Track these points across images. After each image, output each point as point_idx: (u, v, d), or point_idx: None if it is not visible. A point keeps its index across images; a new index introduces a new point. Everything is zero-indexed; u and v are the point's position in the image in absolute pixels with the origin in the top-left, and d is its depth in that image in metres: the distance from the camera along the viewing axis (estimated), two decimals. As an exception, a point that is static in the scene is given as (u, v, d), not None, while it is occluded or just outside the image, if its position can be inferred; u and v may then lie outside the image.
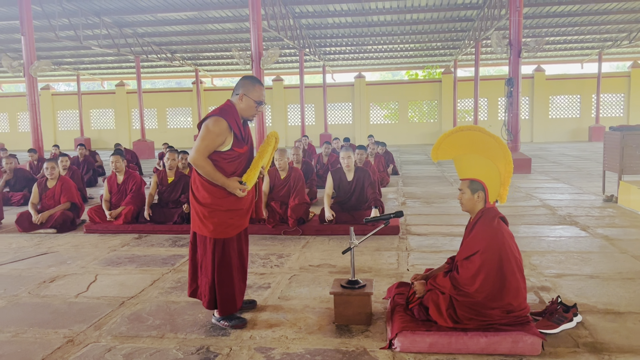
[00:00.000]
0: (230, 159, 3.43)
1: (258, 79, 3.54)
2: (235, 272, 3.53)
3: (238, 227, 3.53)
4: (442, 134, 3.51)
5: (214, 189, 3.42)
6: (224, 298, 3.49)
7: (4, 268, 5.12)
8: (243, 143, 3.48)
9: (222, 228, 3.44)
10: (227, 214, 3.44)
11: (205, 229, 3.46)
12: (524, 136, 24.45)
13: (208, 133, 3.33)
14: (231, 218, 3.46)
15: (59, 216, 6.67)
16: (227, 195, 3.43)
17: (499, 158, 3.35)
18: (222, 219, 3.43)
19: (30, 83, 12.06)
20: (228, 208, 3.43)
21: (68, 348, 3.26)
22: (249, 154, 3.55)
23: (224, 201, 3.42)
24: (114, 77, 28.44)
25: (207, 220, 3.44)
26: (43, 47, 20.82)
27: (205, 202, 3.44)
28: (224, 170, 3.41)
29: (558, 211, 7.24)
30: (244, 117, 3.51)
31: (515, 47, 11.66)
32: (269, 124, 26.45)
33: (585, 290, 4.04)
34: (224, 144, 3.39)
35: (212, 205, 3.42)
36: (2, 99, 28.18)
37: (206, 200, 3.43)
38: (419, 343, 3.10)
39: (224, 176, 3.39)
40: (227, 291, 3.49)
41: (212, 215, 3.42)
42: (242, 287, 3.64)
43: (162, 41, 21.02)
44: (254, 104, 3.46)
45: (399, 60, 25.85)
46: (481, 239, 3.22)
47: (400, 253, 5.29)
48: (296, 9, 16.78)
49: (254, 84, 3.47)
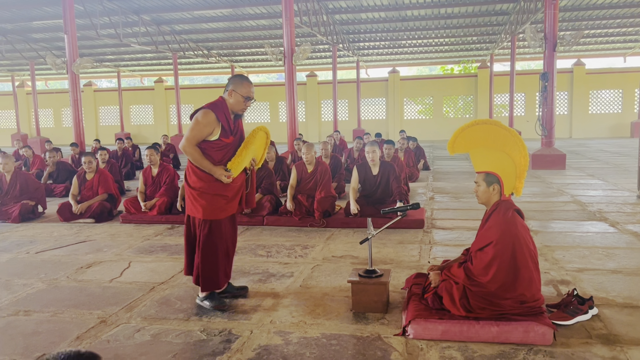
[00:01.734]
0: (218, 148, 3.73)
1: (247, 77, 3.87)
2: (220, 253, 3.80)
3: (225, 211, 3.80)
4: (459, 128, 3.57)
5: (202, 174, 3.73)
6: (205, 275, 3.77)
7: (45, 254, 5.44)
8: (230, 134, 3.75)
9: (210, 210, 3.73)
10: (214, 197, 3.73)
11: (195, 210, 3.77)
12: (562, 132, 23.91)
13: (197, 124, 3.65)
14: (218, 201, 3.74)
15: (97, 207, 7.00)
16: (215, 181, 3.71)
17: (515, 151, 3.40)
18: (210, 202, 3.72)
19: (73, 80, 12.53)
20: (215, 192, 3.73)
21: (101, 327, 3.49)
22: (236, 145, 3.82)
23: (212, 186, 3.72)
24: (153, 73, 29.19)
25: (196, 202, 3.75)
26: (85, 45, 21.55)
27: (195, 186, 3.75)
28: (211, 158, 3.71)
29: (588, 207, 7.15)
30: (234, 112, 3.80)
31: (551, 41, 11.45)
32: (303, 119, 26.65)
33: (605, 285, 4.04)
34: (212, 134, 3.69)
35: (201, 188, 3.73)
36: (48, 96, 29.28)
37: (196, 184, 3.75)
38: (431, 330, 3.19)
39: (210, 163, 3.69)
40: (209, 269, 3.77)
41: (201, 198, 3.73)
42: (227, 270, 3.90)
43: (199, 38, 21.45)
44: (242, 99, 3.74)
45: (434, 55, 25.62)
46: (495, 231, 3.28)
47: (423, 246, 5.36)
48: (329, 5, 16.87)
49: (242, 81, 3.78)
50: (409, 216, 6.27)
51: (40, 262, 5.12)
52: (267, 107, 27.59)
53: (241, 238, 5.91)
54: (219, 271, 3.79)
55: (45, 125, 29.40)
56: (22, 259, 5.27)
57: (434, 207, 7.48)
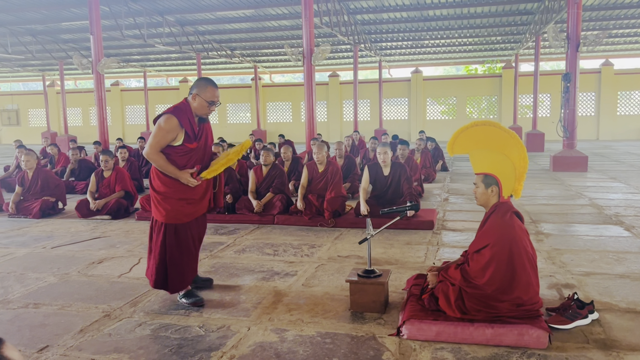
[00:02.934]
0: (183, 153, 3.73)
1: (212, 81, 3.77)
2: (185, 254, 3.82)
3: (190, 215, 3.81)
4: (458, 129, 3.56)
5: (166, 179, 3.74)
6: (172, 277, 3.80)
7: (61, 249, 5.60)
8: (194, 140, 3.74)
9: (173, 214, 3.74)
10: (178, 202, 3.74)
11: (159, 214, 3.78)
12: (589, 133, 23.44)
13: (159, 130, 3.65)
14: (182, 206, 3.75)
15: (114, 204, 7.16)
16: (179, 185, 3.72)
17: (514, 153, 3.37)
18: (174, 206, 3.73)
19: (98, 79, 12.82)
20: (180, 197, 3.73)
21: (104, 321, 3.59)
22: (201, 149, 3.82)
23: (176, 190, 3.72)
24: (178, 73, 29.62)
25: (160, 206, 3.76)
26: (112, 45, 22.00)
27: (159, 190, 3.76)
28: (176, 163, 3.71)
29: (605, 210, 7.01)
30: (198, 115, 3.77)
31: (574, 41, 11.24)
32: (325, 119, 26.70)
33: (610, 289, 3.97)
34: (176, 140, 3.69)
35: (164, 193, 3.74)
36: (76, 95, 29.98)
37: (160, 189, 3.76)
38: (425, 331, 3.20)
39: (176, 168, 3.70)
40: (176, 271, 3.80)
41: (165, 202, 3.74)
42: (193, 267, 3.93)
43: (222, 38, 21.67)
44: (206, 104, 3.71)
45: (458, 55, 25.36)
46: (492, 233, 3.27)
47: (430, 247, 5.35)
48: (351, 5, 16.86)
49: (207, 85, 3.72)
50: (419, 217, 6.26)
51: (55, 257, 5.28)
52: (290, 107, 27.73)
53: (251, 236, 5.98)
54: (185, 272, 3.83)
55: (74, 123, 30.11)
56: (38, 254, 5.44)
57: (447, 209, 7.43)
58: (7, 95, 31.63)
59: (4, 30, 18.83)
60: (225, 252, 5.34)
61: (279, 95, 28.03)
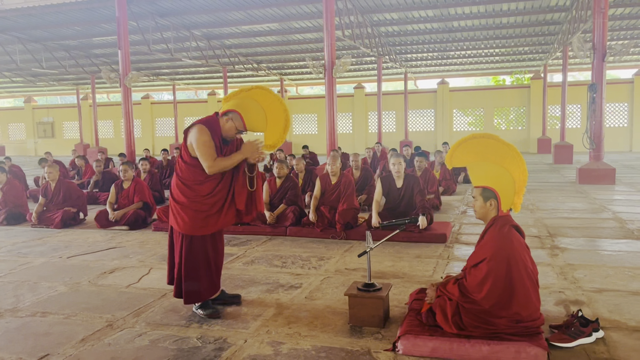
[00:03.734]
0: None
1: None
2: (202, 267, 3.83)
3: (208, 228, 3.81)
4: (457, 141, 3.52)
5: (186, 190, 3.78)
6: (187, 289, 3.82)
7: (76, 259, 5.73)
8: (219, 153, 3.76)
9: (190, 225, 3.76)
10: (195, 213, 3.75)
11: (176, 223, 3.82)
12: (621, 145, 22.82)
13: (202, 143, 3.66)
14: (200, 219, 3.76)
15: (131, 215, 7.30)
16: (196, 197, 3.74)
17: (513, 166, 3.31)
18: (192, 217, 3.75)
19: (125, 93, 13.13)
20: (196, 209, 3.75)
21: (106, 331, 3.65)
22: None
23: (192, 201, 3.75)
24: (206, 86, 30.15)
25: (178, 216, 3.80)
26: (142, 60, 22.55)
27: (178, 200, 3.80)
28: (199, 175, 3.73)
29: (628, 225, 6.79)
30: (224, 136, 3.81)
31: (600, 51, 11.00)
32: (350, 131, 26.71)
33: (621, 307, 3.83)
34: None
35: (183, 203, 3.77)
36: (108, 108, 30.78)
37: (179, 198, 3.80)
38: (421, 347, 3.14)
39: (237, 153, 3.75)
40: (191, 283, 3.81)
41: (183, 212, 3.77)
42: (214, 281, 3.93)
43: (248, 52, 21.98)
44: (235, 130, 3.77)
45: (485, 66, 25.09)
46: (490, 247, 3.20)
47: (440, 261, 5.27)
48: (374, 17, 16.90)
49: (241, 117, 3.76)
50: (432, 230, 6.19)
51: (70, 267, 5.40)
52: (315, 119, 27.85)
53: (261, 248, 6.00)
54: (201, 284, 3.83)
55: (106, 135, 30.89)
56: (54, 263, 5.57)
57: (464, 222, 7.32)
58: (43, 108, 32.68)
59: (38, 46, 19.53)
60: (234, 263, 5.37)
61: (304, 107, 28.20)
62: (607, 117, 23.15)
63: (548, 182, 11.97)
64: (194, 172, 3.75)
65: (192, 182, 3.76)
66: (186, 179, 3.78)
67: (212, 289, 3.93)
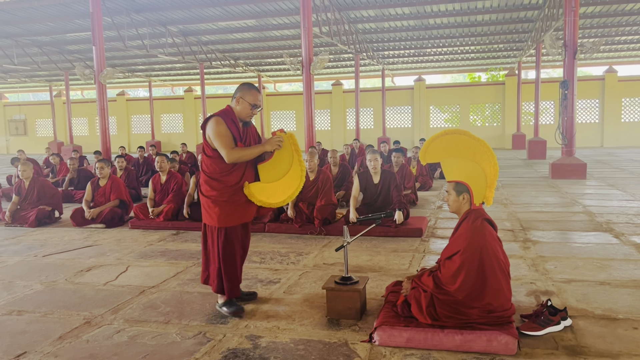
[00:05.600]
0: None
1: (254, 86, 3.89)
2: (238, 259, 3.89)
3: (239, 218, 3.85)
4: (430, 137, 3.61)
5: (214, 182, 3.79)
6: (230, 282, 3.84)
7: (51, 258, 5.68)
8: (239, 141, 3.78)
9: (224, 217, 3.78)
10: (226, 204, 3.77)
11: (210, 218, 3.83)
12: (593, 140, 23.35)
13: (218, 134, 3.68)
14: (231, 209, 3.79)
15: (108, 212, 7.25)
16: (225, 189, 3.76)
17: (485, 161, 3.41)
18: (223, 209, 3.77)
19: (100, 89, 12.97)
20: (226, 199, 3.77)
21: (84, 328, 3.64)
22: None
23: (221, 193, 3.77)
24: (183, 83, 29.89)
25: (211, 211, 3.81)
26: (117, 56, 22.27)
27: (208, 194, 3.82)
28: (222, 166, 3.75)
29: (597, 218, 7.00)
30: (241, 119, 3.84)
31: (571, 49, 11.26)
32: (328, 127, 26.80)
33: (589, 296, 3.97)
34: None
35: (213, 196, 3.79)
36: (82, 105, 30.27)
37: (209, 193, 3.81)
38: (396, 338, 3.22)
39: (258, 145, 3.80)
40: (232, 276, 3.85)
41: (215, 205, 3.78)
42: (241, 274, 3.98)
43: (226, 48, 21.85)
44: (249, 106, 3.79)
45: (461, 63, 25.41)
46: (463, 239, 3.30)
47: (416, 255, 5.37)
48: (351, 14, 16.97)
49: (250, 89, 3.83)
50: (408, 225, 6.29)
51: (45, 265, 5.36)
52: (293, 115, 27.85)
53: (240, 244, 6.03)
54: (238, 277, 3.89)
55: (80, 133, 30.40)
56: (29, 262, 5.52)
57: (439, 216, 7.45)
58: (15, 105, 32.01)
59: (10, 42, 19.13)
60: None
61: (282, 104, 28.18)
62: (579, 114, 23.68)
63: (522, 177, 12.22)
64: (218, 163, 3.76)
65: (219, 175, 3.77)
66: (212, 173, 3.80)
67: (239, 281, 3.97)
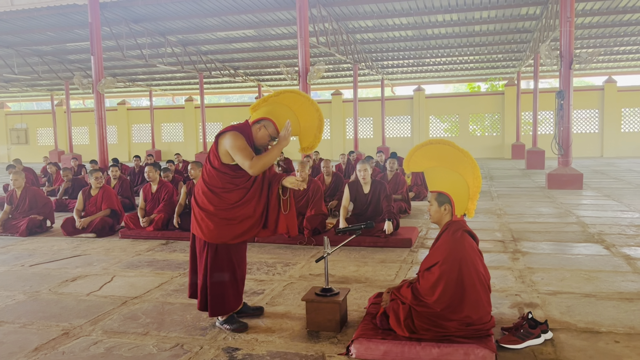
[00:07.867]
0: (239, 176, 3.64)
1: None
2: (227, 276, 3.70)
3: (232, 237, 3.65)
4: (414, 146, 3.59)
5: (213, 197, 3.63)
6: (213, 300, 3.68)
7: (38, 267, 5.66)
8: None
9: (216, 233, 3.62)
10: (222, 221, 3.62)
11: (200, 231, 3.67)
12: (593, 151, 23.30)
13: (238, 147, 3.53)
14: (226, 227, 3.62)
15: (98, 222, 7.23)
16: (225, 204, 3.62)
17: (468, 172, 3.39)
18: (217, 225, 3.61)
19: (98, 99, 13.02)
20: (224, 217, 3.62)
21: (61, 339, 3.61)
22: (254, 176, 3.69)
23: (221, 209, 3.62)
24: (183, 92, 29.98)
25: (202, 223, 3.65)
26: (117, 65, 22.36)
27: (204, 207, 3.65)
28: (231, 181, 3.62)
29: (590, 228, 6.95)
30: (257, 145, 3.71)
31: (567, 59, 11.25)
32: (328, 137, 26.81)
33: (573, 309, 3.93)
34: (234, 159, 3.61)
35: (209, 211, 3.62)
36: (83, 114, 30.35)
37: (205, 206, 3.65)
38: (373, 350, 3.18)
39: (275, 147, 3.67)
40: (216, 293, 3.67)
41: (209, 220, 3.62)
42: (238, 293, 3.79)
43: (225, 58, 21.92)
44: (268, 138, 3.70)
45: (460, 73, 25.43)
46: (442, 251, 3.27)
47: (403, 265, 5.33)
48: (349, 25, 17.03)
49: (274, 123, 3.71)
50: (398, 235, 6.25)
51: (31, 275, 5.33)
52: (293, 125, 27.83)
53: (228, 255, 6.00)
54: (226, 295, 3.69)
55: (81, 142, 30.46)
56: (15, 272, 5.49)
57: (431, 227, 7.41)
58: (17, 114, 32.14)
59: (10, 51, 19.24)
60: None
61: (282, 113, 28.14)
62: (578, 124, 23.65)
63: (518, 187, 12.17)
64: (222, 178, 3.63)
65: (221, 190, 3.63)
66: (214, 186, 3.65)
67: (236, 301, 3.78)
